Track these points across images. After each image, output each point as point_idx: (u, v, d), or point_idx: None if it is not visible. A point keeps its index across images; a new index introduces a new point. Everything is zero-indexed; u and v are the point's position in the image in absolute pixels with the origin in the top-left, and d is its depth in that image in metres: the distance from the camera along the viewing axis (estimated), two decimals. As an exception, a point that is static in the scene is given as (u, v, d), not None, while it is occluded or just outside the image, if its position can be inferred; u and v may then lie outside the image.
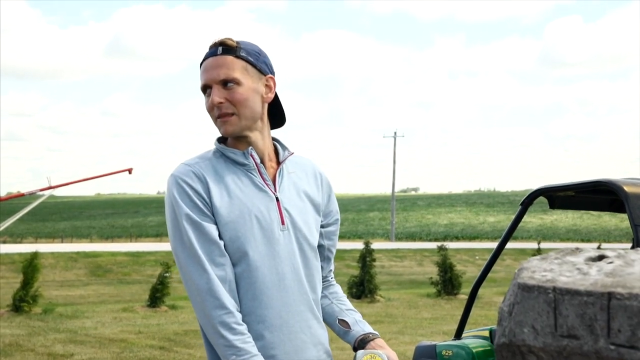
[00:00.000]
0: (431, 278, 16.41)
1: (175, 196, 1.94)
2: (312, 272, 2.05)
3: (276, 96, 2.08)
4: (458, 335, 4.47)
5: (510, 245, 43.04)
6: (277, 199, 2.00)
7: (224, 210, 1.93)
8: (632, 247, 3.48)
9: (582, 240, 55.69)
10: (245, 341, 1.88)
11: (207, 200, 1.93)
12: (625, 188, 3.54)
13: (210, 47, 2.01)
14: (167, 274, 13.34)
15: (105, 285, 20.46)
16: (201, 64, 2.02)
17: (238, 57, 1.99)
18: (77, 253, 26.07)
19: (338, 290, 2.22)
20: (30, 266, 12.44)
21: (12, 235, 62.91)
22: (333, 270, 2.25)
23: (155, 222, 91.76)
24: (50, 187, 45.89)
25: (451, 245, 30.01)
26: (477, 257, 29.96)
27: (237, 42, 2.01)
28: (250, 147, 2.02)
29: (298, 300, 1.99)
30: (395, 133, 58.14)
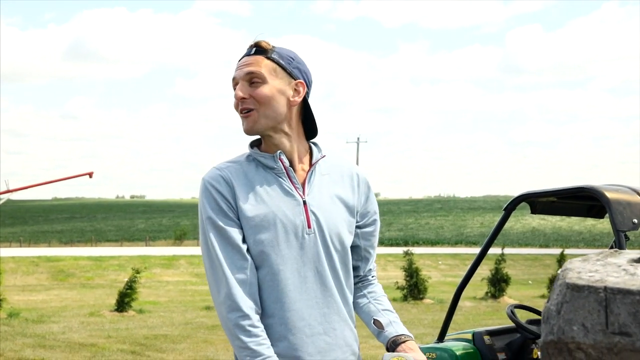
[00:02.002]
0: (397, 282, 16.53)
1: (202, 200, 2.01)
2: (340, 275, 2.08)
3: (309, 106, 2.11)
4: (441, 338, 4.54)
5: (472, 250, 43.53)
6: (304, 202, 2.04)
7: (249, 214, 1.98)
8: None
9: (541, 246, 56.49)
10: (260, 343, 1.92)
11: (233, 204, 1.99)
12: (607, 194, 3.65)
13: (247, 48, 2.07)
14: (135, 279, 13.25)
15: (68, 289, 20.18)
16: (238, 62, 2.09)
17: (269, 58, 2.04)
18: (39, 257, 25.65)
19: (377, 290, 2.23)
20: (-8, 270, 12.25)
21: (-32, 239, 61.69)
22: (374, 269, 2.26)
23: (114, 226, 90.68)
24: (8, 191, 45.11)
25: (414, 250, 30.26)
26: (440, 262, 30.23)
27: (273, 46, 2.07)
28: (280, 151, 2.05)
29: (322, 303, 2.03)
30: (358, 139, 58.49)
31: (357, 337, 2.15)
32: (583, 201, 4.29)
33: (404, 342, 2.08)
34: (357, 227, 2.15)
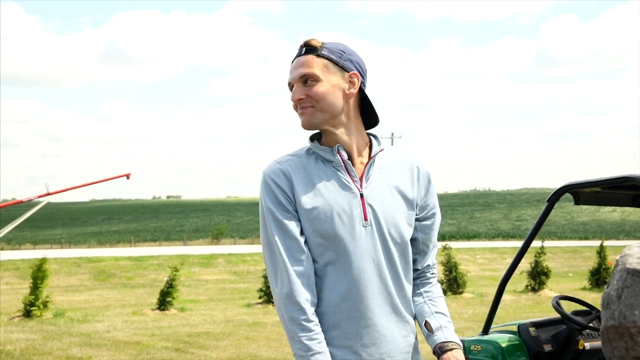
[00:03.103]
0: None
1: (263, 193, 2.07)
2: (397, 267, 2.09)
3: (366, 96, 2.14)
4: (485, 330, 4.53)
5: (509, 244, 43.10)
6: (361, 195, 2.06)
7: (307, 207, 2.03)
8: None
9: (580, 238, 55.82)
10: (312, 338, 1.96)
11: (291, 197, 2.04)
12: (653, 184, 3.62)
13: (298, 49, 2.12)
14: (174, 277, 13.40)
15: (109, 289, 20.48)
16: (291, 63, 2.14)
17: (319, 55, 2.08)
18: (80, 258, 26.07)
19: (434, 290, 2.21)
20: (39, 271, 12.49)
21: (10, 242, 62.74)
22: (433, 266, 2.23)
23: (152, 227, 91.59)
24: (48, 194, 45.77)
25: (451, 244, 30.04)
26: (477, 256, 30.04)
27: (322, 43, 2.10)
28: (338, 145, 2.09)
29: (377, 295, 2.05)
30: (392, 134, 58.19)
31: (414, 330, 2.14)
32: (628, 191, 4.25)
33: (450, 350, 2.06)
34: (417, 220, 2.15)
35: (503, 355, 4.11)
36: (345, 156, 2.09)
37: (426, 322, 2.13)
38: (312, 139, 2.16)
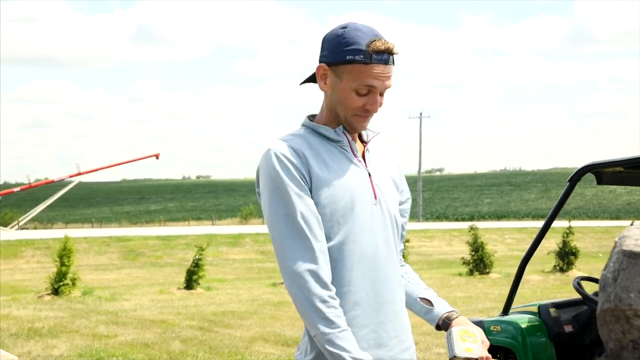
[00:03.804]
0: (462, 257, 16.45)
1: (278, 170, 1.98)
2: (397, 246, 2.14)
3: None
4: (505, 311, 4.51)
5: (538, 224, 42.75)
6: (369, 174, 2.09)
7: (324, 185, 2.01)
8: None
9: (611, 218, 55.22)
10: (338, 315, 1.92)
11: (306, 175, 2.00)
12: (676, 163, 3.55)
13: (380, 51, 2.02)
14: (201, 257, 13.50)
15: (138, 268, 20.71)
16: (367, 60, 2.01)
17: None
18: (110, 237, 26.36)
19: (410, 270, 2.29)
20: (64, 250, 12.65)
21: (42, 221, 63.67)
22: (403, 249, 2.28)
23: (182, 207, 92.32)
24: (79, 174, 46.29)
25: (479, 224, 29.86)
26: (506, 236, 29.88)
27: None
28: (342, 125, 2.09)
29: (389, 272, 2.07)
30: (420, 114, 57.91)
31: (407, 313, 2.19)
32: (651, 170, 4.18)
33: (457, 317, 2.13)
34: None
35: (523, 336, 4.08)
36: (350, 137, 2.10)
37: (421, 298, 2.19)
38: (311, 117, 2.15)
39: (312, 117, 2.15)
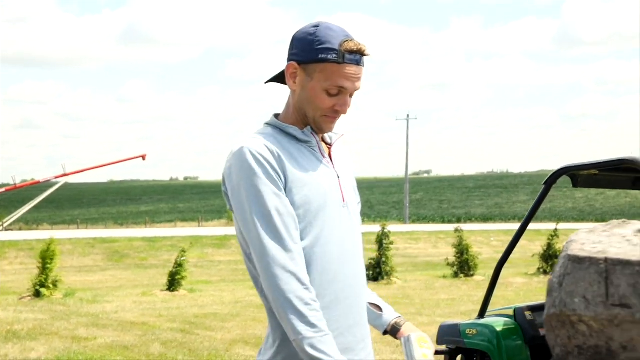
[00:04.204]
0: (447, 259, 16.47)
1: (254, 168, 1.92)
2: (362, 248, 2.12)
3: None
4: (482, 314, 4.49)
5: (518, 226, 42.70)
6: (338, 176, 2.07)
7: (299, 185, 1.96)
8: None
9: (597, 220, 55.49)
10: (320, 318, 1.88)
11: (282, 174, 1.95)
12: (650, 166, 3.54)
13: (352, 51, 1.99)
14: (183, 258, 13.45)
15: (122, 270, 20.61)
16: (335, 60, 1.99)
17: None
18: (94, 239, 26.24)
19: None
20: (48, 251, 12.56)
21: (28, 222, 63.28)
22: None
23: (169, 208, 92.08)
24: (64, 175, 46.02)
25: (466, 227, 29.87)
26: (492, 239, 29.95)
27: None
28: (310, 126, 2.06)
29: (357, 274, 2.05)
30: (407, 115, 57.99)
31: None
32: (627, 173, 4.17)
33: (404, 323, 2.16)
34: None
35: (498, 339, 4.07)
36: (318, 138, 2.08)
37: (371, 304, 2.18)
38: (276, 116, 2.11)
39: (277, 116, 2.11)
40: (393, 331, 2.13)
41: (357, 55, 1.99)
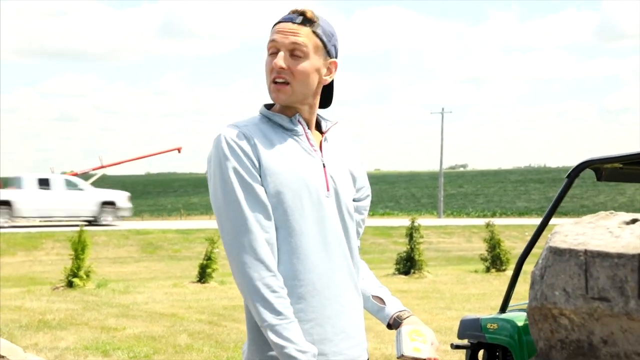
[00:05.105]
0: (480, 254, 16.34)
1: (226, 154, 1.94)
2: (351, 240, 2.08)
3: (332, 82, 2.12)
4: (503, 309, 4.46)
5: (559, 220, 42.23)
6: (323, 165, 2.03)
7: (273, 173, 1.96)
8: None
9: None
10: (286, 306, 1.89)
11: (256, 162, 1.95)
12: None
13: (291, 12, 2.03)
14: (216, 250, 13.52)
15: (156, 261, 20.81)
16: (274, 26, 2.03)
17: (314, 32, 2.02)
18: (129, 230, 26.51)
19: (365, 267, 2.23)
20: (79, 242, 12.74)
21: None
22: (359, 246, 2.24)
23: (203, 201, 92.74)
24: (102, 167, 46.68)
25: (500, 221, 29.50)
26: (526, 233, 29.60)
27: (318, 17, 2.03)
28: (298, 114, 2.04)
29: (339, 266, 2.02)
30: (442, 109, 57.59)
31: (362, 303, 2.14)
32: (652, 167, 4.09)
33: (407, 317, 2.09)
34: (355, 200, 2.14)
35: (519, 334, 4.03)
36: (306, 126, 2.05)
37: (374, 296, 2.15)
38: (267, 107, 2.10)
39: (269, 106, 2.10)
40: (395, 324, 2.10)
41: (293, 14, 2.01)
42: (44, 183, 27.55)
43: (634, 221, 1.10)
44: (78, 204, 28.18)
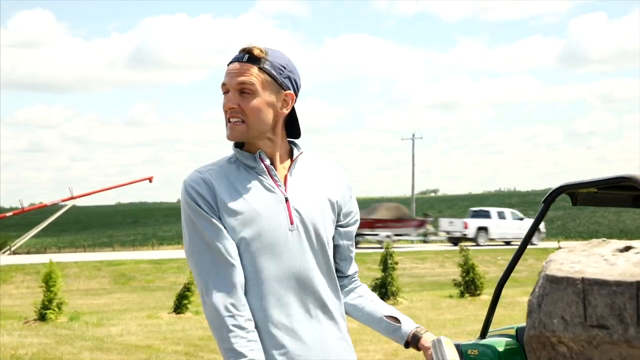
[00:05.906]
0: (454, 279, 16.40)
1: (189, 201, 2.03)
2: (325, 271, 2.10)
3: (293, 110, 2.14)
4: (483, 334, 4.46)
5: (531, 245, 42.64)
6: (286, 199, 2.06)
7: (231, 214, 2.01)
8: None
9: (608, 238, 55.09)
10: (244, 345, 1.94)
11: (214, 205, 2.01)
12: (649, 183, 3.52)
13: (239, 52, 2.07)
14: (191, 280, 13.41)
15: (129, 292, 20.57)
16: (228, 65, 2.08)
17: (261, 69, 2.05)
18: (101, 262, 26.20)
19: (368, 290, 2.28)
20: (48, 275, 12.58)
21: (35, 246, 63.29)
22: (357, 271, 2.29)
23: (175, 230, 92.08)
24: (72, 197, 46.16)
25: (473, 246, 29.60)
26: (499, 258, 29.80)
27: (266, 52, 2.06)
28: (260, 151, 2.08)
29: (306, 299, 2.04)
30: (413, 135, 58.08)
31: (345, 335, 2.15)
32: (626, 191, 4.14)
33: (425, 332, 2.15)
34: (340, 226, 2.19)
35: (500, 360, 4.04)
36: (268, 162, 2.07)
37: (387, 316, 2.18)
38: (236, 145, 2.14)
39: (241, 145, 2.14)
40: (414, 341, 2.13)
41: (240, 53, 2.06)
42: None
43: (627, 248, 1.13)
44: None
